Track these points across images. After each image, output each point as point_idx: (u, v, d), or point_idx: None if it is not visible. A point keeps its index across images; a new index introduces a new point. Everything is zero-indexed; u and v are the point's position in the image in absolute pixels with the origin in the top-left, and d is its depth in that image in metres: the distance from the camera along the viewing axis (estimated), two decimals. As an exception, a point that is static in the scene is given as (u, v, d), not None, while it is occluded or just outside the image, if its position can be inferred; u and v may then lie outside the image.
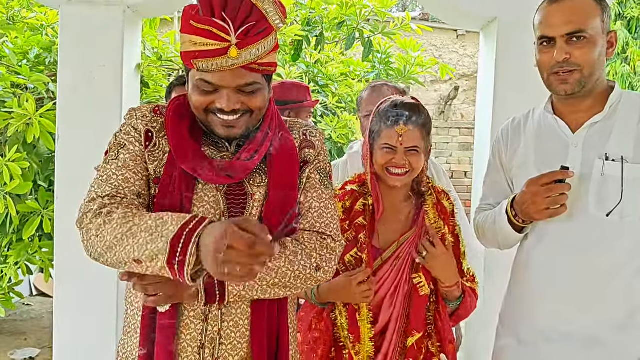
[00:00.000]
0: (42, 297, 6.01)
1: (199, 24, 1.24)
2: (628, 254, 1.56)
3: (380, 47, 4.44)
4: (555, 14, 1.57)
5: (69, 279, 2.83)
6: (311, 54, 4.37)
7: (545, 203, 1.55)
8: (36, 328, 5.10)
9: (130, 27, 2.89)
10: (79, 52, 2.79)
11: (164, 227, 1.17)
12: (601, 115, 1.61)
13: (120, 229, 1.21)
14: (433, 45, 10.05)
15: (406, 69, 4.40)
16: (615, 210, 1.54)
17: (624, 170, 1.54)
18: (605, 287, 1.57)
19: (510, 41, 2.81)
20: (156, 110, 1.42)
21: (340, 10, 4.09)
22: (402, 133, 1.71)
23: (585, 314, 1.58)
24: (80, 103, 2.78)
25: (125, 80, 2.84)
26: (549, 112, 1.70)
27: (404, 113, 1.73)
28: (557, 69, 1.57)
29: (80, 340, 2.82)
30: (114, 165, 1.34)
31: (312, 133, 1.50)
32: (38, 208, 3.29)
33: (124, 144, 1.37)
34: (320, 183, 1.45)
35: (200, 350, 1.33)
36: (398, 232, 1.80)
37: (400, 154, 1.72)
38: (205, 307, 1.33)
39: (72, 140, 2.79)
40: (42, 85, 3.38)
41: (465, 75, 10.22)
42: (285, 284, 1.33)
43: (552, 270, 1.64)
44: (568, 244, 1.61)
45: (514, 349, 1.72)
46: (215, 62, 1.25)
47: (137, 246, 1.18)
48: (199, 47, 1.25)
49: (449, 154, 9.25)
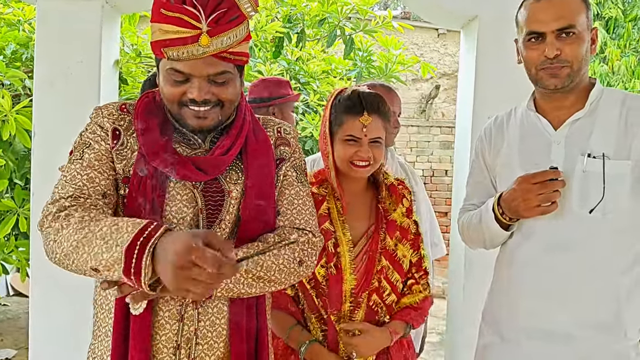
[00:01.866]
0: (19, 297, 5.92)
1: (169, 12, 1.22)
2: (611, 252, 1.56)
3: (362, 45, 4.44)
4: (544, 9, 1.57)
5: (45, 279, 2.78)
6: (292, 51, 4.36)
7: (537, 200, 1.55)
8: (13, 328, 5.02)
9: (108, 22, 2.85)
10: (56, 47, 2.75)
11: (118, 235, 1.14)
12: (582, 112, 1.62)
13: (76, 235, 1.18)
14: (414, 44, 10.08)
15: (387, 67, 4.41)
16: (598, 207, 1.55)
17: (605, 167, 1.54)
18: (588, 285, 1.57)
19: (490, 40, 2.82)
20: (123, 107, 1.38)
21: (322, 8, 4.08)
22: (366, 124, 1.68)
23: (567, 312, 1.58)
24: (57, 100, 2.74)
25: (103, 77, 2.80)
26: (531, 110, 1.70)
27: (368, 102, 1.70)
28: (546, 65, 1.58)
29: (56, 341, 2.78)
30: (78, 165, 1.31)
31: (286, 130, 1.49)
32: (14, 206, 3.23)
33: (89, 143, 1.33)
34: (297, 180, 1.46)
35: (176, 351, 1.31)
36: (363, 226, 1.78)
37: (365, 145, 1.69)
38: (181, 307, 1.30)
39: (48, 138, 2.74)
40: (19, 82, 3.32)
41: (446, 74, 10.27)
42: (270, 277, 1.32)
43: (536, 267, 1.64)
44: (552, 242, 1.61)
45: (497, 347, 1.73)
46: (186, 50, 1.23)
47: (93, 254, 1.15)
48: (169, 35, 1.23)
49: (430, 152, 9.29)
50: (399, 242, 1.78)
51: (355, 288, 1.72)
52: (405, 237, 1.79)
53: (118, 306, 1.29)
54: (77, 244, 1.18)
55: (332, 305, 1.70)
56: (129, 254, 1.11)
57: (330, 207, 1.77)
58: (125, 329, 1.28)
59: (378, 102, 1.72)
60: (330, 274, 1.70)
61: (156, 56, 1.31)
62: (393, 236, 1.76)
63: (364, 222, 1.79)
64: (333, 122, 1.74)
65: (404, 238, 1.79)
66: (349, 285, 1.70)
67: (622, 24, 9.76)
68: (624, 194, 1.55)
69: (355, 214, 1.78)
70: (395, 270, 1.75)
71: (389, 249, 1.75)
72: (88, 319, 1.46)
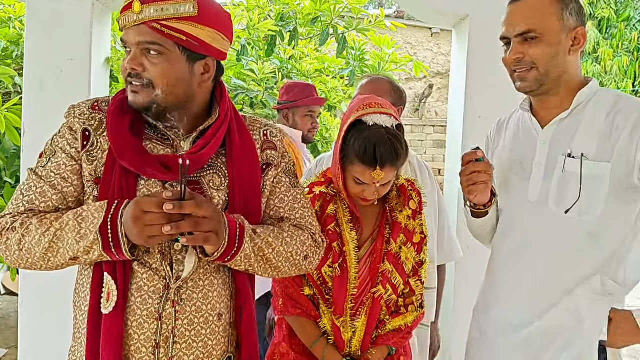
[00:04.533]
0: (9, 296, 5.89)
1: None
2: (582, 252, 1.57)
3: (355, 44, 4.44)
4: (511, 14, 1.61)
5: (35, 278, 2.76)
6: (285, 49, 4.35)
7: (465, 181, 1.62)
8: (3, 327, 5.00)
9: (99, 20, 2.84)
10: (46, 45, 2.73)
11: (87, 222, 1.23)
12: (567, 112, 1.62)
13: (45, 239, 1.24)
14: (408, 43, 10.10)
15: (380, 66, 4.41)
16: (573, 208, 1.55)
17: (582, 168, 1.54)
18: (556, 283, 1.58)
19: (481, 39, 2.83)
20: (95, 106, 1.37)
21: (315, 6, 4.08)
22: (378, 178, 1.64)
23: (535, 307, 1.61)
24: (47, 97, 2.72)
25: (93, 75, 2.79)
26: (525, 109, 1.72)
27: (383, 159, 1.61)
28: (514, 67, 1.61)
29: (45, 340, 2.77)
30: (36, 176, 1.33)
31: (272, 133, 1.48)
32: (3, 205, 3.21)
33: (54, 152, 1.34)
34: (291, 186, 1.48)
35: (155, 350, 1.30)
36: (370, 229, 1.79)
37: (373, 188, 1.67)
38: (159, 305, 1.29)
39: (38, 136, 2.72)
40: (9, 79, 3.30)
41: (439, 73, 10.29)
42: (277, 263, 1.37)
43: (512, 263, 1.68)
44: (528, 239, 1.64)
45: (477, 340, 1.78)
46: (124, 17, 1.28)
47: (69, 247, 1.24)
48: (122, 5, 1.29)
49: (423, 151, 9.31)
50: (404, 245, 1.77)
51: (359, 289, 1.73)
52: (409, 239, 1.78)
53: (91, 306, 1.28)
54: (49, 245, 1.24)
55: (335, 304, 1.72)
56: (104, 232, 1.21)
57: (337, 208, 1.77)
58: (97, 329, 1.28)
59: (394, 154, 1.63)
60: (336, 274, 1.71)
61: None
62: (397, 239, 1.76)
63: (371, 224, 1.79)
64: (345, 155, 1.68)
65: (408, 241, 1.78)
66: (352, 285, 1.72)
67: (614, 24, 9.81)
68: (601, 196, 1.54)
69: (363, 216, 1.77)
70: (397, 273, 1.75)
71: (392, 251, 1.75)
72: (77, 318, 1.46)
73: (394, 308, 1.79)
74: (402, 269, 1.75)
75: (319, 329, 1.75)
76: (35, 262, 1.26)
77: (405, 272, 1.77)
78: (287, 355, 1.78)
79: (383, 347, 1.75)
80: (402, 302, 1.80)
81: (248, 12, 4.10)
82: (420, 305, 1.81)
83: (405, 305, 1.79)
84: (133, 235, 1.20)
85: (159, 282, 1.30)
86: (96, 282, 1.29)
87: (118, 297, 1.26)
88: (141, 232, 1.19)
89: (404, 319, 1.77)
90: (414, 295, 1.80)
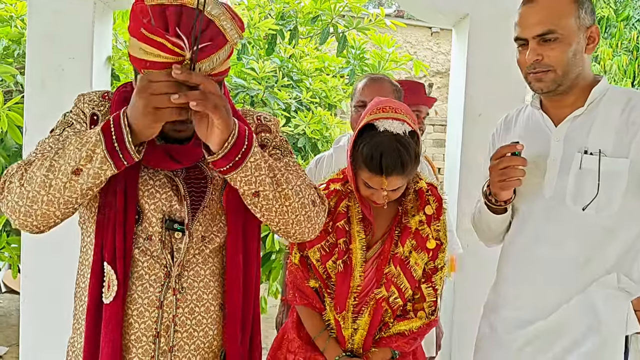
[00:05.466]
0: (10, 294, 5.90)
1: (152, 35, 1.14)
2: (599, 249, 1.57)
3: (355, 43, 4.45)
4: (527, 15, 1.58)
5: (36, 276, 2.78)
6: (285, 48, 4.35)
7: (498, 175, 1.58)
8: (4, 325, 5.01)
9: (100, 19, 2.85)
10: (47, 44, 2.74)
11: (87, 137, 1.16)
12: (582, 109, 1.61)
13: (47, 161, 1.17)
14: (408, 42, 10.10)
15: (380, 65, 4.42)
16: (591, 205, 1.55)
17: (600, 164, 1.54)
18: (572, 280, 1.58)
19: (481, 38, 2.84)
20: (105, 95, 1.38)
21: (315, 5, 4.08)
22: (384, 186, 1.62)
23: (549, 305, 1.60)
24: (48, 96, 2.73)
25: (95, 73, 2.80)
26: (536, 107, 1.71)
27: (388, 167, 1.59)
28: (530, 69, 1.58)
29: (46, 338, 2.78)
30: (53, 139, 1.31)
31: (266, 118, 1.47)
32: (6, 203, 3.22)
33: (71, 123, 1.34)
34: (282, 155, 1.43)
35: (156, 339, 1.29)
36: (381, 232, 1.78)
37: (381, 192, 1.64)
38: (160, 294, 1.29)
39: (40, 134, 2.70)
40: (10, 78, 3.31)
41: (439, 72, 10.29)
42: (288, 192, 1.28)
43: (525, 260, 1.66)
44: (543, 236, 1.63)
45: (487, 338, 1.76)
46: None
47: (70, 158, 1.16)
48: (150, 57, 1.15)
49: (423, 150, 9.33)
50: (414, 249, 1.73)
51: (363, 288, 1.73)
52: (421, 245, 1.74)
53: (90, 296, 1.28)
54: (50, 164, 1.17)
55: (336, 299, 1.73)
56: (106, 129, 1.14)
57: (350, 206, 1.76)
58: (97, 319, 1.27)
59: (401, 165, 1.60)
60: (339, 270, 1.72)
61: (135, 67, 1.24)
62: (405, 243, 1.73)
63: (383, 226, 1.78)
64: (354, 160, 1.67)
65: (419, 246, 1.74)
66: (356, 283, 1.72)
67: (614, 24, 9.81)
68: (619, 192, 1.54)
69: (376, 217, 1.76)
70: (405, 278, 1.72)
71: (400, 255, 1.72)
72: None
73: (400, 312, 1.77)
74: (410, 274, 1.73)
75: (324, 321, 1.77)
76: (35, 194, 1.17)
77: (414, 278, 1.74)
78: (293, 342, 1.81)
79: (385, 349, 1.75)
80: (410, 306, 1.78)
81: (248, 11, 4.11)
82: (431, 313, 1.78)
83: (415, 311, 1.77)
84: (139, 112, 1.12)
85: (159, 270, 1.30)
86: (96, 272, 1.28)
87: (118, 287, 1.25)
88: (147, 103, 1.10)
89: (409, 324, 1.75)
90: (425, 301, 1.77)
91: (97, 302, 1.28)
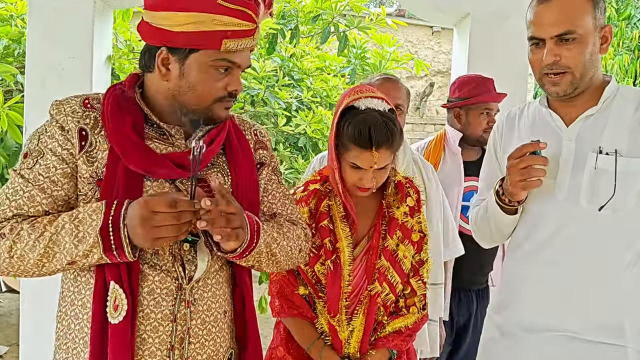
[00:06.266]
0: (11, 294, 5.90)
1: (232, 4, 1.21)
2: (619, 250, 1.54)
3: (356, 42, 4.43)
4: (544, 14, 1.53)
5: (38, 275, 2.77)
6: (286, 47, 4.34)
7: (519, 175, 1.54)
8: (4, 325, 5.01)
9: (100, 18, 2.84)
10: (48, 43, 2.74)
11: (85, 225, 1.18)
12: (595, 109, 1.59)
13: (40, 244, 1.18)
14: (409, 41, 10.09)
15: (382, 64, 4.40)
16: (608, 205, 1.52)
17: (617, 164, 1.51)
18: (590, 282, 1.55)
19: (482, 37, 2.84)
20: (86, 103, 1.30)
21: (316, 4, 4.07)
22: (375, 159, 1.62)
23: (568, 308, 1.57)
24: (48, 95, 2.67)
25: (95, 73, 2.79)
26: (544, 106, 1.68)
27: (378, 138, 1.60)
28: (547, 70, 1.55)
29: (46, 337, 2.76)
30: (23, 179, 1.24)
31: (261, 133, 1.52)
32: (5, 202, 3.21)
33: (42, 152, 1.25)
34: (279, 182, 1.51)
35: (170, 353, 1.28)
36: (366, 226, 1.77)
37: (370, 173, 1.65)
38: (174, 307, 1.28)
39: (40, 133, 2.73)
40: (10, 77, 3.30)
41: (440, 71, 10.28)
42: (279, 257, 1.39)
43: (539, 262, 1.63)
44: (557, 237, 1.59)
45: (498, 342, 1.72)
46: (244, 42, 1.26)
47: (66, 252, 1.19)
48: (229, 27, 1.22)
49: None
50: (401, 242, 1.74)
51: (354, 287, 1.71)
52: (407, 237, 1.75)
53: (95, 316, 1.23)
54: (44, 250, 1.19)
55: (329, 301, 1.70)
56: (104, 234, 1.17)
57: (330, 205, 1.75)
58: (103, 339, 1.23)
59: (389, 136, 1.61)
60: (329, 271, 1.70)
61: (194, 47, 1.24)
62: (394, 235, 1.74)
63: (367, 222, 1.77)
64: (339, 143, 1.67)
65: (406, 238, 1.75)
66: (345, 282, 1.70)
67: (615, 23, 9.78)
68: (635, 192, 1.52)
69: (359, 213, 1.75)
70: (395, 271, 1.72)
71: (389, 247, 1.72)
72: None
73: (392, 309, 1.76)
74: (399, 267, 1.73)
75: (317, 330, 1.73)
76: (28, 269, 1.20)
77: (403, 271, 1.74)
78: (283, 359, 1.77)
79: (383, 350, 1.73)
80: (402, 302, 1.77)
81: (249, 10, 4.09)
82: (422, 307, 1.78)
83: (407, 307, 1.77)
84: (138, 237, 1.16)
85: (171, 283, 1.28)
86: (99, 290, 1.24)
87: (128, 305, 1.22)
88: (148, 234, 1.15)
89: (405, 320, 1.75)
90: (416, 295, 1.77)
91: (102, 322, 1.23)
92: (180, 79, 1.27)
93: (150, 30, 1.27)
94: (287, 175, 3.58)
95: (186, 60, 1.26)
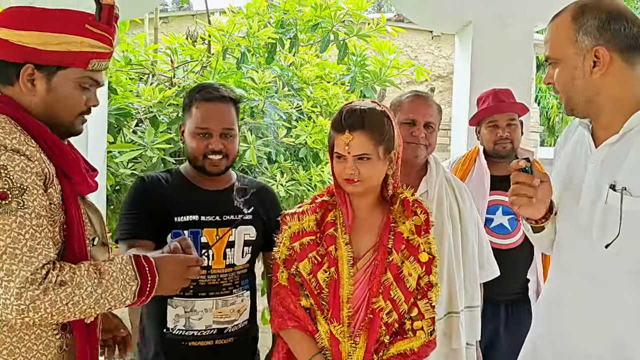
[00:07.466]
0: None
1: (96, 29, 1.38)
2: (626, 290, 1.46)
3: (356, 50, 4.40)
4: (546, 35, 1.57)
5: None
6: (285, 56, 4.31)
7: (510, 191, 1.54)
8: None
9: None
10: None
11: (125, 274, 1.37)
12: (616, 137, 1.49)
13: (97, 290, 1.30)
14: (408, 46, 10.07)
15: (382, 72, 4.36)
16: (614, 243, 1.44)
17: (622, 203, 1.42)
18: (601, 319, 1.50)
19: (484, 45, 2.81)
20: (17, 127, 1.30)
21: (315, 12, 4.04)
22: (347, 142, 1.67)
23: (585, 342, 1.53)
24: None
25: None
26: (584, 126, 1.60)
27: (349, 120, 1.68)
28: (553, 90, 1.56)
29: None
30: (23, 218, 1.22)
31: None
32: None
33: (25, 188, 1.23)
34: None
35: None
36: (371, 241, 1.76)
37: (350, 162, 1.68)
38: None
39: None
40: (6, 92, 3.26)
41: (440, 76, 10.25)
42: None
43: (557, 284, 1.63)
44: (577, 272, 1.56)
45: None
46: (105, 63, 1.43)
47: (111, 297, 1.34)
48: (95, 49, 1.38)
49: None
50: (406, 259, 1.72)
51: (356, 297, 1.69)
52: (413, 254, 1.73)
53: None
54: (99, 296, 1.31)
55: (331, 308, 1.69)
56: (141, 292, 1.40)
57: (337, 215, 1.78)
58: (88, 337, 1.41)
59: (363, 119, 1.67)
60: (332, 278, 1.70)
61: (57, 66, 1.35)
62: (399, 250, 1.72)
63: (372, 237, 1.77)
64: (329, 137, 1.77)
65: (411, 255, 1.73)
66: (346, 290, 1.69)
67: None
68: None
69: (364, 227, 1.77)
70: (398, 288, 1.70)
71: (394, 262, 1.71)
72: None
73: (395, 329, 1.73)
74: (403, 284, 1.70)
75: (316, 345, 1.71)
76: (80, 312, 1.29)
77: (407, 289, 1.71)
78: None
79: None
80: (409, 325, 1.74)
81: (247, 20, 4.07)
82: (430, 332, 1.74)
83: (413, 330, 1.74)
84: (170, 289, 1.49)
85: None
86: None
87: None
88: (180, 285, 1.50)
89: (410, 343, 1.72)
90: (424, 319, 1.74)
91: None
92: (47, 93, 1.36)
93: (11, 47, 1.32)
94: (289, 188, 3.53)
95: (53, 77, 1.36)
